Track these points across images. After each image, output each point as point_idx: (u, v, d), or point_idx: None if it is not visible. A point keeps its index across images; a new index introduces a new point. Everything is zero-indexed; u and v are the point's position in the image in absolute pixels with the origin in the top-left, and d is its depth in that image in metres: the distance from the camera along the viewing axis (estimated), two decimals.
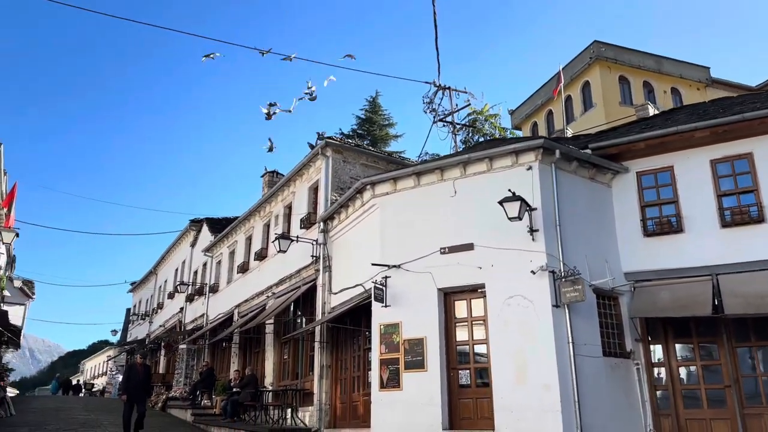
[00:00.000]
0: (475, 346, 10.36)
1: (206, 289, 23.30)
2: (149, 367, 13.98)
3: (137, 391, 12.41)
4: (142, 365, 13.10)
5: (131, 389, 12.33)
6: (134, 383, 12.40)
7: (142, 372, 12.79)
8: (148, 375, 13.27)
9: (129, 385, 12.41)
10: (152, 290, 34.22)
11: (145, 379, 12.90)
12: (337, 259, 13.62)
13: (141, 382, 12.57)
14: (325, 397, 12.93)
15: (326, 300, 13.55)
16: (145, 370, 13.16)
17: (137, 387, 12.43)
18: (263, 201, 18.32)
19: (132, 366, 13.30)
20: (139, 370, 12.75)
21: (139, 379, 12.52)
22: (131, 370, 12.90)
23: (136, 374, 12.58)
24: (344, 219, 13.28)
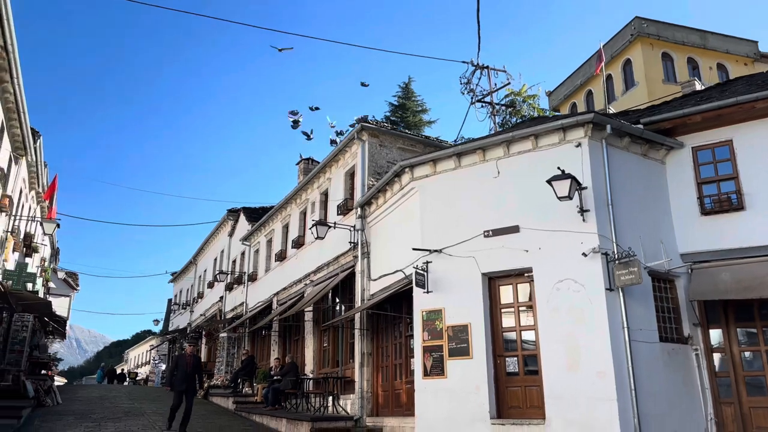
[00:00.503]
0: (522, 332, 9.94)
1: (245, 278, 23.36)
2: (199, 358, 12.62)
3: (186, 383, 11.64)
4: (191, 355, 12.13)
5: (179, 381, 11.62)
6: (182, 374, 11.65)
7: (191, 362, 11.89)
8: (198, 366, 12.17)
9: (177, 377, 11.71)
10: (192, 280, 34.63)
11: (195, 370, 11.94)
12: (376, 245, 13.32)
13: (190, 374, 11.76)
14: (366, 385, 12.71)
15: (365, 287, 13.29)
16: (195, 360, 12.13)
17: (185, 379, 11.65)
18: (299, 188, 18.14)
19: (180, 356, 12.42)
20: (188, 360, 11.90)
21: (187, 370, 11.71)
22: (179, 361, 12.05)
23: (185, 365, 11.77)
24: (382, 204, 12.96)
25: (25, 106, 11.85)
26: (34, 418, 13.58)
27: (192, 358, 12.03)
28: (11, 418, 12.23)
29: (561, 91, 33.60)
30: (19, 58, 10.29)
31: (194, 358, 12.18)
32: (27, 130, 12.76)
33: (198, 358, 12.57)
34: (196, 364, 12.07)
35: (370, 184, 13.76)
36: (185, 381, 11.64)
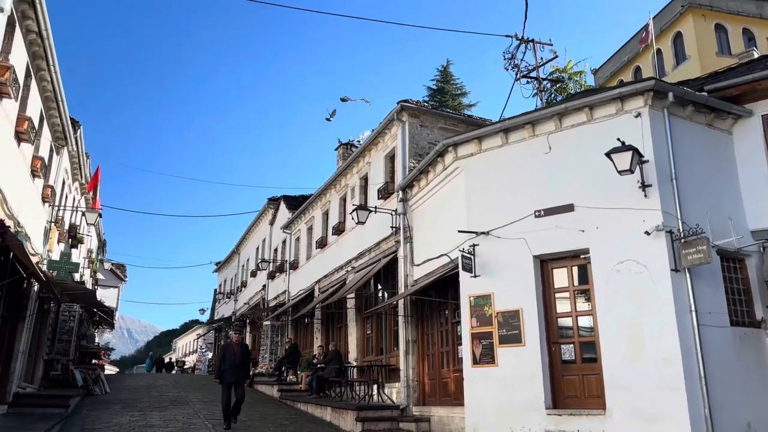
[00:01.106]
0: (578, 317, 9.33)
1: (286, 266, 23.26)
2: (247, 346, 11.88)
3: (234, 374, 10.94)
4: (238, 344, 11.40)
5: (227, 372, 10.93)
6: (230, 365, 10.93)
7: (239, 352, 11.19)
8: (246, 355, 11.55)
9: (224, 367, 10.99)
10: (236, 269, 34.92)
11: (243, 360, 11.29)
12: (419, 229, 12.84)
13: (239, 364, 11.08)
14: (412, 374, 12.30)
15: (408, 272, 12.84)
16: (243, 349, 11.46)
17: (234, 369, 10.95)
18: (338, 174, 17.78)
19: (227, 345, 11.57)
20: (235, 350, 11.16)
21: (235, 360, 11.01)
22: (226, 350, 11.28)
23: (232, 354, 11.04)
24: (424, 186, 12.45)
25: (63, 95, 11.78)
26: (82, 407, 13.70)
27: (239, 347, 11.32)
28: (60, 407, 12.32)
29: (607, 68, 32.30)
30: (54, 45, 10.15)
31: (241, 346, 11.49)
32: (66, 119, 12.73)
33: (246, 347, 11.82)
34: (244, 353, 11.42)
35: (411, 166, 13.26)
36: (234, 373, 10.94)
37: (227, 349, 11.31)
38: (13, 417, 11.11)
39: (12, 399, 11.93)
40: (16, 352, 12.17)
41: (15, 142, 9.79)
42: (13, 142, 9.65)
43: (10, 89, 8.45)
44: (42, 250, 13.32)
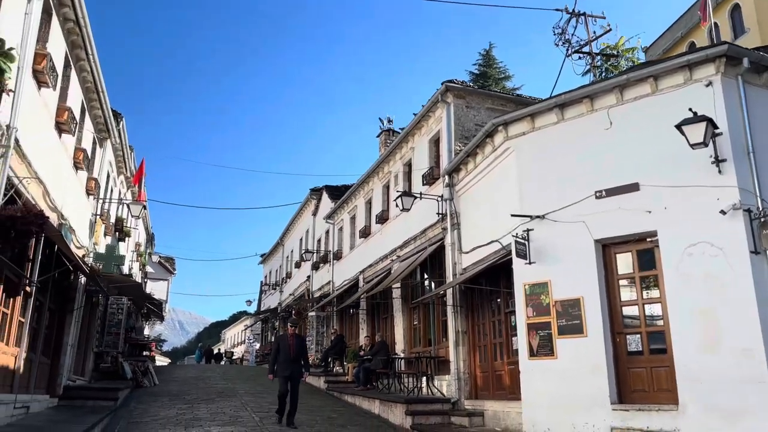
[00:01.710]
0: (645, 306, 8.63)
1: (330, 257, 23.01)
2: (303, 338, 11.16)
3: (288, 368, 10.12)
4: (293, 336, 10.53)
5: (280, 365, 10.17)
6: (285, 359, 10.16)
7: (295, 345, 10.35)
8: (302, 347, 10.67)
9: (279, 362, 10.22)
10: (280, 261, 35.02)
11: (299, 353, 10.42)
12: (466, 215, 12.28)
13: (294, 358, 10.26)
14: (462, 366, 11.78)
15: (456, 260, 12.30)
16: (298, 342, 10.55)
17: (288, 363, 10.15)
18: (381, 161, 17.33)
19: (281, 338, 10.79)
20: (290, 342, 10.32)
21: (290, 354, 10.20)
22: (280, 343, 10.49)
23: (287, 348, 10.24)
24: (472, 169, 11.87)
25: (104, 86, 11.67)
26: (131, 400, 13.72)
27: (294, 339, 10.45)
28: (109, 399, 12.32)
29: (660, 45, 30.73)
30: (92, 33, 9.99)
31: (297, 339, 10.59)
32: (108, 110, 12.65)
33: (302, 339, 10.93)
34: (299, 345, 10.53)
35: (458, 149, 12.69)
36: (289, 367, 10.15)
37: (281, 341, 10.55)
38: (63, 410, 11.12)
39: (62, 392, 11.97)
40: (65, 345, 12.20)
41: (56, 133, 9.68)
42: (53, 133, 9.54)
43: (47, 78, 8.29)
44: (88, 243, 13.34)
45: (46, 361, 11.33)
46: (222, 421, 10.81)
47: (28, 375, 9.74)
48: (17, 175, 7.47)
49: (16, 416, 8.82)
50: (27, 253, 9.11)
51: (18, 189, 7.43)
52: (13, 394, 8.66)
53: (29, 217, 6.87)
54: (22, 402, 9.12)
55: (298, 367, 10.35)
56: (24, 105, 7.53)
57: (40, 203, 9.05)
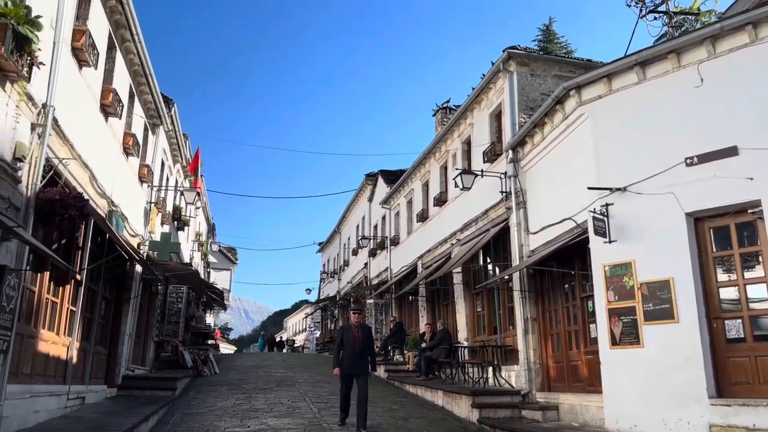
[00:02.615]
0: (747, 287, 7.52)
1: (387, 243, 22.42)
2: (369, 328, 9.79)
3: (354, 364, 8.82)
4: (357, 326, 9.22)
5: (345, 360, 8.87)
6: (349, 352, 8.87)
7: (360, 336, 9.02)
8: (369, 339, 9.23)
9: (343, 356, 8.92)
10: (338, 249, 34.82)
11: (365, 346, 9.02)
12: (533, 192, 11.32)
13: (360, 351, 8.89)
14: (533, 355, 10.90)
15: (523, 241, 11.38)
16: (364, 333, 9.19)
17: (354, 357, 8.83)
18: (437, 141, 16.49)
19: (345, 328, 9.44)
20: (354, 334, 9.02)
21: (355, 346, 8.87)
22: (344, 334, 9.16)
23: (351, 339, 8.94)
24: (539, 142, 10.90)
25: (151, 68, 11.36)
26: (190, 389, 13.55)
27: (359, 331, 9.11)
28: (167, 389, 12.13)
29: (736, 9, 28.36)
30: (135, 11, 9.62)
31: (362, 329, 9.23)
32: (157, 95, 12.38)
33: (368, 329, 9.54)
34: (365, 337, 9.12)
35: (522, 121, 11.72)
36: (355, 362, 8.80)
37: (345, 332, 9.17)
38: (120, 400, 10.97)
39: (121, 382, 11.87)
40: (122, 334, 12.07)
41: (101, 117, 9.38)
42: (99, 116, 9.24)
43: (87, 56, 7.93)
44: (143, 232, 13.17)
45: (103, 351, 11.20)
46: (279, 413, 10.37)
47: (83, 365, 9.57)
48: (58, 156, 7.12)
49: (70, 407, 8.63)
50: (76, 241, 8.86)
51: (58, 171, 7.07)
52: (65, 385, 8.45)
53: (68, 199, 6.50)
54: (76, 393, 8.93)
55: (364, 361, 8.87)
56: (62, 83, 7.17)
57: (88, 189, 8.77)
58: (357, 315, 9.48)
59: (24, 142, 6.26)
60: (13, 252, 6.21)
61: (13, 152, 6.09)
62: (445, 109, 18.08)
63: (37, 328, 7.42)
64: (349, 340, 8.94)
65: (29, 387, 7.02)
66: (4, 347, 5.97)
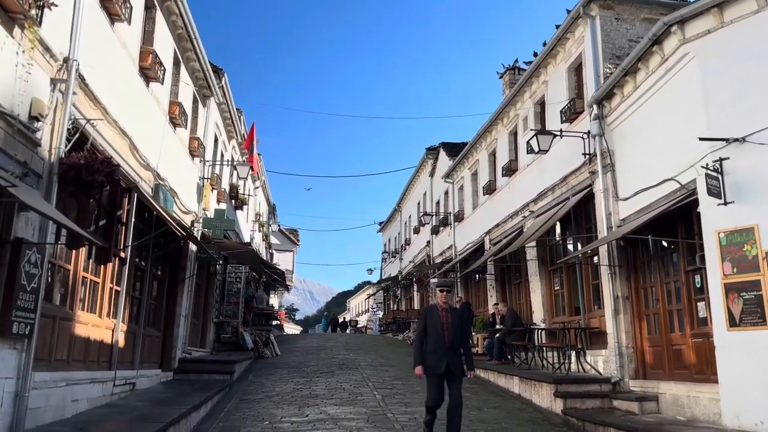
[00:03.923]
0: None
1: (450, 219, 21.24)
2: (463, 312, 7.30)
3: (444, 359, 6.25)
4: (447, 309, 6.47)
5: (431, 355, 6.31)
6: (437, 344, 6.30)
7: (450, 322, 6.39)
8: (464, 326, 6.81)
9: (429, 348, 6.37)
10: (399, 227, 33.94)
11: (459, 335, 6.47)
12: (623, 153, 9.87)
13: (450, 345, 6.33)
14: (625, 338, 9.55)
15: (611, 210, 9.98)
16: (456, 318, 6.54)
17: (444, 351, 6.27)
18: (506, 104, 15.08)
19: (430, 312, 6.62)
20: (443, 319, 6.36)
21: (443, 336, 6.30)
22: (428, 318, 6.49)
23: (438, 327, 6.33)
24: (630, 93, 9.43)
25: (197, 32, 10.60)
26: (250, 372, 12.96)
27: (449, 315, 6.44)
28: (224, 373, 11.54)
29: None
30: None
31: (453, 314, 6.53)
32: (205, 62, 11.63)
33: (461, 312, 7.25)
34: (459, 322, 6.52)
35: (608, 72, 10.24)
36: (443, 358, 6.23)
37: (429, 317, 6.49)
38: (174, 385, 10.43)
39: (177, 365, 11.35)
40: (178, 315, 11.54)
41: (141, 80, 8.66)
42: (138, 80, 8.51)
43: (118, 9, 7.14)
44: (197, 208, 12.57)
45: (156, 334, 10.67)
46: (340, 400, 9.54)
47: (132, 349, 8.99)
48: (86, 118, 6.37)
49: (118, 394, 8.05)
50: (118, 216, 8.21)
51: (86, 134, 6.32)
52: (111, 371, 7.86)
53: (95, 164, 5.73)
54: (124, 378, 8.34)
55: (456, 358, 6.31)
56: (88, 36, 6.39)
57: (128, 159, 8.08)
58: (445, 293, 6.55)
59: (41, 98, 5.50)
60: (35, 224, 5.51)
61: (29, 110, 5.34)
62: (513, 69, 16.58)
63: (73, 309, 6.79)
64: (436, 329, 6.33)
65: (65, 374, 6.39)
66: (26, 331, 5.29)
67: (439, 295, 6.69)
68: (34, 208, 4.62)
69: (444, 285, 6.75)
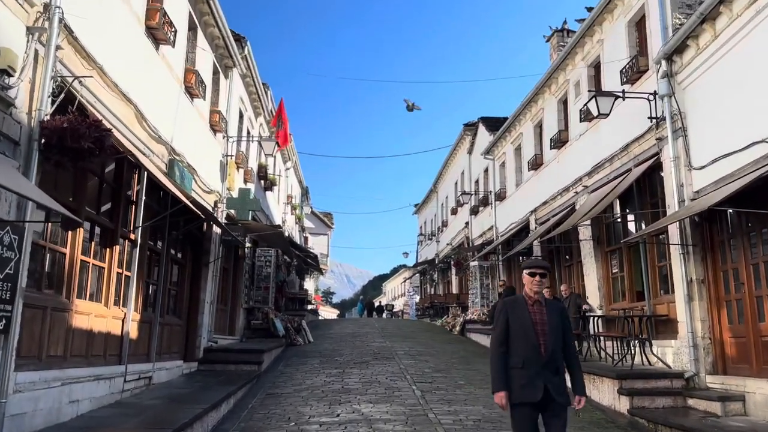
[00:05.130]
0: None
1: (491, 198, 20.03)
2: (563, 308, 4.41)
3: (539, 380, 3.95)
4: (541, 303, 4.14)
5: (519, 375, 4.00)
6: (528, 356, 4.00)
7: (547, 322, 4.06)
8: (565, 320, 4.22)
9: (514, 362, 4.04)
10: (435, 209, 32.84)
11: (560, 336, 4.10)
12: (697, 115, 8.55)
13: (550, 358, 4.01)
14: (700, 328, 8.32)
15: (683, 180, 8.70)
16: (553, 311, 4.16)
17: (539, 369, 3.97)
18: (553, 70, 13.76)
19: (512, 306, 4.20)
20: (534, 316, 4.07)
21: (539, 346, 4.00)
22: (513, 314, 4.13)
23: (529, 328, 4.03)
24: (708, 43, 8.09)
25: None
26: (280, 361, 12.16)
27: (545, 312, 4.12)
28: (252, 363, 10.75)
29: None
30: None
31: (551, 309, 4.17)
32: (225, 28, 10.68)
33: (559, 308, 4.34)
34: (557, 321, 4.13)
35: (677, 23, 8.89)
36: (542, 373, 3.97)
37: (514, 312, 4.15)
38: (197, 376, 9.67)
39: (202, 355, 10.60)
40: (202, 302, 10.77)
41: (149, 42, 7.74)
42: (144, 39, 7.59)
43: None
44: (220, 188, 11.73)
45: (178, 322, 9.90)
46: (375, 396, 8.60)
47: (148, 340, 8.20)
48: (74, 75, 5.46)
49: (130, 390, 7.27)
50: (125, 194, 7.37)
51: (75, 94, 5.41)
52: (121, 366, 7.06)
53: (81, 128, 4.82)
54: (138, 373, 7.56)
55: (558, 378, 4.04)
56: None
57: (135, 129, 7.21)
58: (539, 278, 4.13)
59: (12, 48, 4.61)
60: (11, 199, 4.65)
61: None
62: (561, 32, 15.18)
63: (70, 298, 5.97)
64: (525, 333, 4.04)
65: (60, 373, 5.58)
66: (1, 326, 4.45)
67: (528, 281, 4.13)
68: None
69: (537, 266, 4.17)
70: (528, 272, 4.19)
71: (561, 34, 15.11)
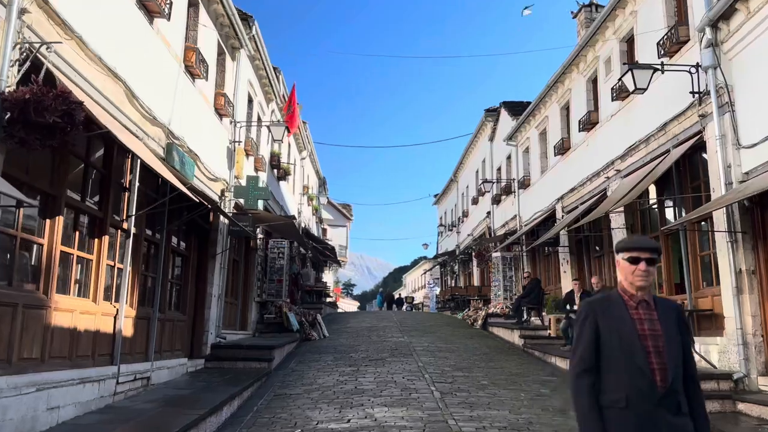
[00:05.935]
0: None
1: (514, 186, 19.19)
2: (679, 313, 2.57)
3: (659, 418, 2.37)
4: (648, 303, 2.50)
5: (623, 413, 2.40)
6: (634, 382, 2.40)
7: (661, 329, 2.45)
8: (682, 329, 2.51)
9: (612, 396, 2.43)
10: (455, 199, 32.02)
11: (680, 354, 2.45)
12: (746, 87, 7.69)
13: (669, 387, 2.40)
14: (751, 324, 7.50)
15: (730, 161, 7.85)
16: (668, 317, 2.49)
17: (651, 404, 2.38)
18: (582, 46, 12.87)
19: (605, 308, 2.55)
20: (639, 326, 2.45)
21: (651, 373, 2.39)
22: (605, 323, 2.51)
23: (634, 344, 2.43)
24: (760, 6, 7.21)
25: None
26: (292, 358, 11.57)
27: (654, 319, 2.49)
28: (262, 360, 10.16)
29: None
30: None
31: (664, 313, 2.50)
32: (229, 4, 10.02)
33: (676, 311, 2.56)
34: (673, 330, 2.47)
35: None
36: (658, 415, 2.39)
37: (607, 319, 2.53)
38: (202, 375, 9.10)
39: (209, 352, 10.04)
40: (208, 296, 10.21)
41: (139, 12, 7.10)
42: (133, 9, 6.93)
43: None
44: (227, 176, 11.13)
45: (181, 318, 9.33)
46: (390, 398, 7.93)
47: (146, 337, 7.63)
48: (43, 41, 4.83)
49: (124, 393, 6.70)
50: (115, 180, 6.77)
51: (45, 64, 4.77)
52: (112, 366, 6.48)
53: (45, 99, 4.19)
54: (134, 373, 6.99)
55: (682, 421, 2.42)
56: None
57: (126, 108, 6.60)
58: (646, 265, 2.51)
59: None
60: None
61: None
62: (590, 6, 14.26)
63: (48, 293, 5.37)
64: (630, 352, 2.46)
65: (35, 377, 5.00)
66: None
67: (628, 271, 2.58)
68: None
69: (642, 247, 2.58)
70: (627, 257, 2.58)
71: (589, 9, 14.20)
